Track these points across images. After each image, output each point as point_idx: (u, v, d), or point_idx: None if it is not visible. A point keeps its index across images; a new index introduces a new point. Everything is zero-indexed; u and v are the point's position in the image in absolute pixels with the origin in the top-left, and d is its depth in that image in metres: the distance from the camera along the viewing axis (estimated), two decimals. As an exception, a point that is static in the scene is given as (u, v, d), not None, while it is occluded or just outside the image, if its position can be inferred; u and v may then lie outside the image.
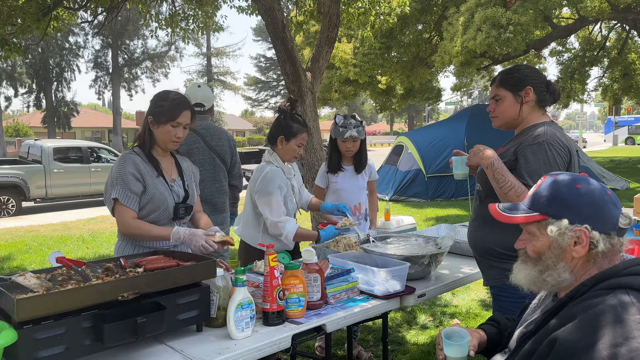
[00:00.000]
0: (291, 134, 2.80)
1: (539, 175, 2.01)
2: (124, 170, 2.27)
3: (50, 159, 11.97)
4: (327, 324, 1.97)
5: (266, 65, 50.27)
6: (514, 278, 1.46)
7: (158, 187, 2.33)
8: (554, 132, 2.11)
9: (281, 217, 2.73)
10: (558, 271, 1.34)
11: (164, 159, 2.44)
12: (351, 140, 3.29)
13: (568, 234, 1.31)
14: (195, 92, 3.52)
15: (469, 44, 12.52)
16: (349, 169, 3.41)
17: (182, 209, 2.41)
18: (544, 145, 2.07)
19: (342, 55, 15.91)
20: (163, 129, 2.33)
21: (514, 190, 2.06)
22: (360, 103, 57.17)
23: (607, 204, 1.31)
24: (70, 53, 33.92)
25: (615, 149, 34.12)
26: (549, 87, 2.23)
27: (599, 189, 1.34)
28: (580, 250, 1.31)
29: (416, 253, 2.48)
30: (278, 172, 2.79)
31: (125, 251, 2.38)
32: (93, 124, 42.82)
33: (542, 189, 1.39)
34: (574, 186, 1.34)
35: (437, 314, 4.35)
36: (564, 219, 1.32)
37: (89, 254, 6.99)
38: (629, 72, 20.31)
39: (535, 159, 2.07)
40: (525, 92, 2.19)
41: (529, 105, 2.20)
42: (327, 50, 5.43)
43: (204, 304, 1.84)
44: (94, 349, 1.58)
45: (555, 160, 2.05)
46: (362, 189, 3.45)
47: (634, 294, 1.21)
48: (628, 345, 1.10)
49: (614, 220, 1.30)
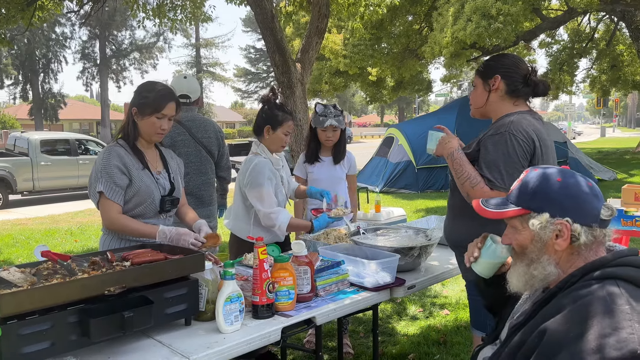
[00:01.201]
0: (277, 123, 2.79)
1: (496, 166, 1.99)
2: (109, 163, 2.23)
3: (38, 152, 11.83)
4: (317, 317, 1.96)
5: (256, 56, 50.00)
6: (510, 284, 1.45)
7: (144, 180, 2.30)
8: (520, 123, 2.04)
9: (273, 208, 2.71)
10: (542, 264, 1.35)
11: (149, 151, 2.40)
12: (331, 130, 3.28)
13: (549, 227, 1.32)
14: (180, 84, 3.48)
15: (459, 35, 12.53)
16: (327, 160, 3.40)
17: (168, 201, 2.38)
18: (505, 136, 2.01)
19: (332, 46, 15.86)
20: (148, 121, 2.29)
21: (469, 182, 2.04)
22: (351, 95, 57.14)
23: (589, 196, 1.31)
24: (56, 44, 33.51)
25: (603, 140, 34.44)
26: (528, 78, 2.14)
27: (580, 181, 1.34)
28: (562, 244, 1.31)
29: (406, 245, 2.48)
30: (266, 163, 2.77)
31: (110, 245, 2.34)
32: (81, 115, 42.35)
33: (523, 183, 1.40)
34: (555, 179, 1.34)
35: (427, 305, 4.37)
36: (545, 213, 1.32)
37: (77, 247, 6.93)
38: (617, 63, 20.46)
39: (495, 150, 2.02)
40: (493, 80, 2.14)
41: (497, 94, 2.15)
42: (316, 41, 5.40)
43: (193, 298, 1.82)
44: (80, 344, 1.56)
45: (515, 152, 1.99)
46: (340, 180, 3.42)
47: (623, 284, 1.21)
48: (616, 335, 1.10)
49: (596, 212, 1.30)
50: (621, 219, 4.49)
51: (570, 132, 30.96)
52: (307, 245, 2.61)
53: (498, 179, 1.98)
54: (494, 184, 1.99)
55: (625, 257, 1.28)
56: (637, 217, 4.42)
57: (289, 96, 5.08)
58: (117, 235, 2.34)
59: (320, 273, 2.14)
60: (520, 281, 1.41)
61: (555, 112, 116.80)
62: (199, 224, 2.37)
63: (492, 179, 1.99)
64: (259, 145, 2.84)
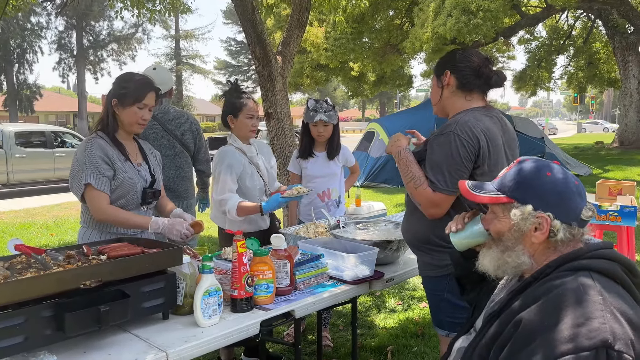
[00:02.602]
0: (236, 109, 2.85)
1: (439, 168, 1.94)
2: (93, 154, 2.20)
3: (12, 144, 11.56)
4: (296, 310, 1.96)
5: (237, 48, 49.61)
6: (481, 265, 1.47)
7: (127, 171, 2.28)
8: (467, 122, 1.95)
9: (224, 195, 2.75)
10: (517, 253, 1.37)
11: (128, 143, 2.38)
12: (322, 125, 3.26)
13: (530, 219, 1.34)
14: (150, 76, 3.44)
15: (440, 30, 12.61)
16: (321, 155, 3.38)
17: (150, 193, 2.37)
18: (449, 136, 1.94)
19: (313, 40, 15.81)
20: (129, 111, 2.27)
21: (413, 182, 1.99)
22: (332, 89, 57.08)
23: (574, 194, 1.33)
24: (32, 34, 32.73)
25: (580, 136, 35.07)
26: (480, 71, 2.04)
27: (568, 178, 1.35)
28: (539, 237, 1.33)
29: (385, 238, 2.49)
30: (228, 151, 2.82)
31: (90, 238, 2.32)
32: (57, 107, 41.52)
33: (512, 172, 1.40)
34: (545, 173, 1.35)
35: (405, 297, 4.41)
36: (528, 205, 1.34)
37: (54, 241, 6.81)
38: (594, 61, 20.82)
39: (439, 151, 1.96)
40: (444, 76, 2.07)
41: (449, 90, 2.08)
42: (297, 34, 5.36)
43: (170, 292, 1.81)
44: (55, 338, 1.53)
45: (459, 153, 1.91)
46: (333, 175, 3.40)
47: (596, 276, 1.24)
48: (589, 325, 1.13)
49: (577, 212, 1.32)
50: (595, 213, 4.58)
51: (547, 128, 31.43)
52: (287, 238, 2.62)
53: (441, 181, 1.93)
54: (437, 186, 1.93)
55: (599, 250, 1.31)
56: (611, 211, 4.52)
57: (270, 89, 5.05)
58: (97, 229, 2.31)
59: (300, 266, 2.15)
60: (492, 265, 1.43)
61: (533, 108, 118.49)
62: (178, 212, 2.37)
63: (434, 181, 1.94)
64: (230, 136, 2.93)
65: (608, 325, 1.12)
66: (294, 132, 5.41)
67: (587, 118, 61.05)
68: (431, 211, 1.99)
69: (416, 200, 2.01)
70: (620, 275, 1.26)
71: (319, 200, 3.35)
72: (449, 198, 1.95)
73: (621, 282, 1.25)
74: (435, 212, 1.98)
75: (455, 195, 1.95)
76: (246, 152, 2.89)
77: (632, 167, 13.56)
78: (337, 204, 3.43)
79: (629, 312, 1.16)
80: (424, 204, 1.99)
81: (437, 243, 2.03)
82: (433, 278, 2.13)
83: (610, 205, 4.58)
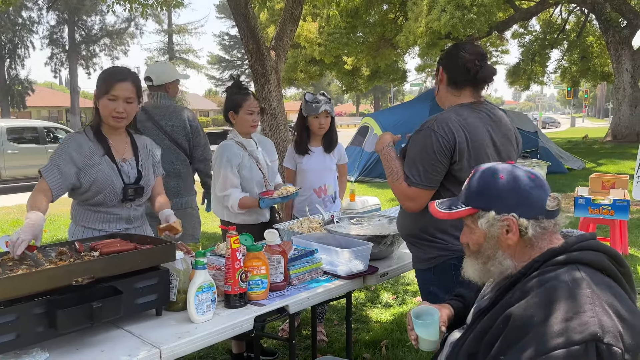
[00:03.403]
0: (237, 105, 2.88)
1: (414, 163, 1.98)
2: (62, 150, 2.20)
3: (4, 140, 11.49)
4: (290, 305, 1.96)
5: (230, 43, 49.36)
6: (466, 273, 1.49)
7: (102, 168, 2.22)
8: (446, 119, 1.97)
9: (226, 190, 2.78)
10: (498, 259, 1.38)
11: (117, 138, 2.33)
12: (324, 116, 3.26)
13: (497, 224, 1.35)
14: (149, 67, 3.43)
15: (434, 25, 12.61)
16: (317, 150, 3.37)
17: (131, 190, 2.29)
18: (426, 132, 1.97)
19: (307, 34, 15.77)
20: (102, 104, 2.22)
21: (392, 176, 2.05)
22: (327, 84, 57.01)
23: (532, 189, 1.34)
24: (23, 29, 32.44)
25: (573, 130, 35.23)
26: (467, 66, 2.03)
27: (523, 176, 1.36)
28: (512, 238, 1.34)
29: (379, 233, 2.49)
30: (228, 145, 2.85)
31: (76, 234, 2.30)
32: (49, 103, 41.21)
33: (471, 183, 1.43)
34: (498, 177, 1.36)
35: (400, 292, 4.42)
36: (491, 211, 1.35)
37: (47, 237, 6.78)
38: (587, 55, 20.88)
39: (414, 145, 2.00)
40: (439, 72, 2.13)
41: (443, 86, 2.12)
42: (291, 28, 5.35)
43: (163, 288, 1.80)
44: (47, 335, 1.52)
45: (433, 147, 1.93)
46: (330, 170, 3.40)
47: (584, 268, 1.25)
48: (579, 319, 1.13)
49: (541, 205, 1.33)
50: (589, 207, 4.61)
51: (540, 123, 31.51)
52: (281, 234, 2.62)
53: (415, 176, 1.97)
54: (411, 181, 1.98)
55: (585, 242, 1.32)
56: (604, 205, 4.54)
57: (263, 84, 5.04)
58: (81, 224, 2.30)
59: (294, 262, 2.14)
60: (476, 275, 1.46)
61: (527, 102, 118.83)
62: (165, 214, 2.30)
63: (409, 176, 1.99)
64: (231, 131, 2.96)
65: (597, 318, 1.13)
66: (288, 127, 5.39)
67: (581, 112, 61.32)
68: (407, 204, 2.05)
69: (395, 194, 2.08)
70: (607, 266, 1.27)
71: (316, 195, 3.34)
72: (424, 192, 1.98)
73: (608, 273, 1.26)
74: (411, 206, 2.03)
75: (432, 189, 1.99)
76: (246, 145, 2.92)
77: (625, 160, 13.64)
78: (333, 200, 3.43)
79: (617, 305, 1.17)
80: (400, 198, 2.06)
81: (422, 237, 2.07)
82: (421, 271, 2.18)
83: (604, 199, 4.60)
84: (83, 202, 2.30)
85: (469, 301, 1.68)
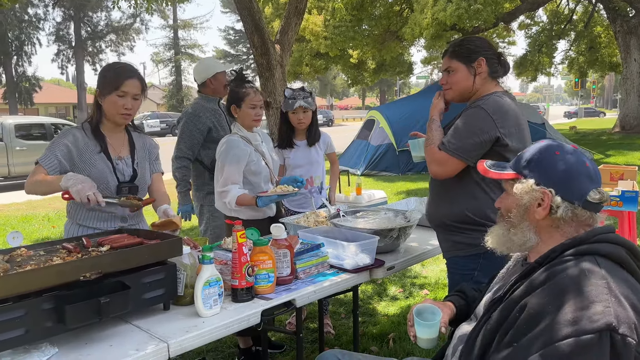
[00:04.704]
0: (239, 100, 2.85)
1: (457, 132, 2.07)
2: (59, 142, 2.20)
3: (12, 136, 11.57)
4: (297, 299, 1.96)
5: (235, 38, 49.28)
6: (489, 242, 1.50)
7: (97, 164, 2.22)
8: (496, 101, 2.07)
9: (226, 187, 2.77)
10: (522, 230, 1.38)
11: (114, 135, 2.33)
12: (301, 111, 3.25)
13: (532, 194, 1.35)
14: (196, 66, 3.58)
15: (439, 16, 12.52)
16: (301, 144, 3.38)
17: (126, 188, 2.28)
18: (477, 109, 2.06)
19: (312, 28, 15.71)
20: (109, 100, 2.22)
21: (427, 142, 2.18)
22: (332, 77, 56.87)
23: (581, 175, 1.33)
24: (30, 26, 32.58)
25: (581, 121, 34.96)
26: (500, 58, 2.19)
27: (579, 160, 1.35)
28: (541, 212, 1.34)
29: (385, 226, 2.49)
30: (233, 141, 2.81)
31: (71, 232, 2.28)
32: (57, 99, 41.39)
33: (526, 151, 1.44)
34: (553, 152, 1.37)
35: (407, 285, 4.42)
36: (530, 179, 1.36)
37: (55, 233, 6.83)
38: (595, 45, 20.67)
39: (463, 121, 2.09)
40: (478, 63, 2.13)
41: (482, 76, 2.15)
42: (296, 22, 5.33)
43: (171, 283, 1.81)
44: (55, 330, 1.53)
45: (479, 123, 2.03)
46: (316, 163, 3.40)
47: (602, 260, 1.24)
48: (593, 308, 1.13)
49: (583, 192, 1.31)
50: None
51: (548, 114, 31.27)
52: (287, 228, 2.62)
53: (450, 142, 2.06)
54: (444, 146, 2.08)
55: (602, 234, 1.31)
56: (612, 196, 4.50)
57: (269, 78, 5.03)
58: (76, 220, 2.29)
59: (300, 256, 2.14)
60: (499, 242, 1.46)
61: (534, 93, 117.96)
62: (163, 208, 2.30)
63: (444, 142, 2.09)
64: (235, 125, 2.92)
65: (612, 309, 1.12)
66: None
67: (589, 103, 60.79)
68: (434, 168, 2.14)
69: (426, 159, 2.19)
70: (625, 259, 1.26)
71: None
72: (455, 161, 2.06)
73: (626, 267, 1.26)
74: (437, 171, 2.13)
75: (464, 161, 2.05)
76: (251, 140, 2.88)
77: (634, 151, 13.53)
78: (320, 191, 3.44)
79: (633, 298, 1.17)
80: (428, 161, 2.17)
81: (473, 221, 2.09)
82: (463, 258, 2.17)
83: (612, 190, 4.56)
84: None
85: (472, 298, 1.68)
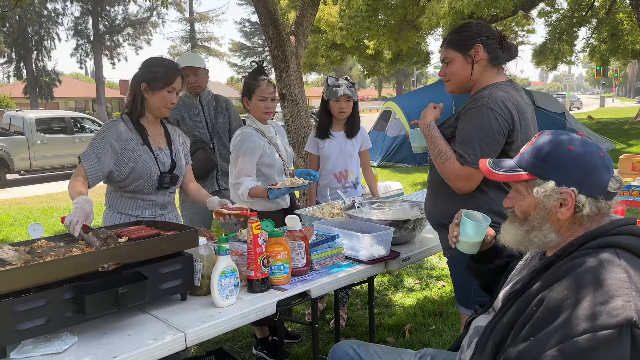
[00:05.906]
0: (250, 92, 2.87)
1: (470, 142, 1.90)
2: (104, 138, 2.28)
3: (33, 130, 11.78)
4: (312, 290, 1.98)
5: (251, 30, 49.26)
6: (501, 238, 1.45)
7: (141, 156, 2.31)
8: (498, 96, 1.91)
9: (239, 179, 2.79)
10: (544, 232, 1.33)
11: (153, 127, 2.42)
12: (345, 100, 3.20)
13: (554, 195, 1.29)
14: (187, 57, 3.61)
15: (457, 4, 12.35)
16: (338, 135, 3.32)
17: (167, 178, 2.39)
18: (482, 109, 1.89)
19: (327, 19, 15.62)
20: (159, 95, 2.31)
21: (440, 157, 1.96)
22: (348, 68, 56.54)
23: (599, 167, 1.28)
24: (49, 21, 32.99)
25: (603, 110, 34.30)
26: (503, 43, 2.00)
27: (592, 151, 1.29)
28: (565, 212, 1.29)
29: (401, 218, 2.48)
30: (247, 134, 2.82)
31: (111, 221, 2.38)
32: (76, 93, 41.93)
33: (533, 148, 1.36)
34: (567, 147, 1.30)
35: (423, 277, 4.41)
36: (550, 181, 1.29)
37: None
38: (617, 32, 20.22)
39: (470, 123, 1.91)
40: (475, 50, 1.98)
41: (481, 65, 1.99)
42: (311, 13, 5.30)
43: (188, 273, 1.83)
44: (75, 320, 1.57)
45: (491, 125, 1.87)
46: (351, 156, 3.33)
47: (621, 252, 1.21)
48: (612, 303, 1.10)
49: (603, 185, 1.27)
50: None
51: (568, 103, 30.73)
52: (302, 219, 2.63)
53: (470, 155, 1.89)
54: (465, 160, 1.90)
55: (624, 226, 1.27)
56: (634, 187, 4.42)
57: (284, 70, 5.02)
58: (117, 210, 2.40)
59: (315, 247, 2.15)
60: (515, 241, 1.41)
61: (554, 82, 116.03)
62: (215, 200, 2.39)
63: (463, 155, 1.91)
64: (248, 117, 2.94)
65: (633, 303, 1.10)
66: (309, 113, 5.37)
67: (611, 92, 59.56)
68: (459, 185, 1.96)
69: (444, 175, 1.99)
70: None
71: (335, 180, 3.30)
72: (479, 172, 1.87)
73: None
74: (464, 186, 1.95)
75: None
76: (265, 132, 2.89)
77: (657, 141, 13.24)
78: (355, 186, 3.36)
79: None
80: (452, 179, 1.96)
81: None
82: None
83: (634, 181, 4.48)
84: (119, 189, 2.39)
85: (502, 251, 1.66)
